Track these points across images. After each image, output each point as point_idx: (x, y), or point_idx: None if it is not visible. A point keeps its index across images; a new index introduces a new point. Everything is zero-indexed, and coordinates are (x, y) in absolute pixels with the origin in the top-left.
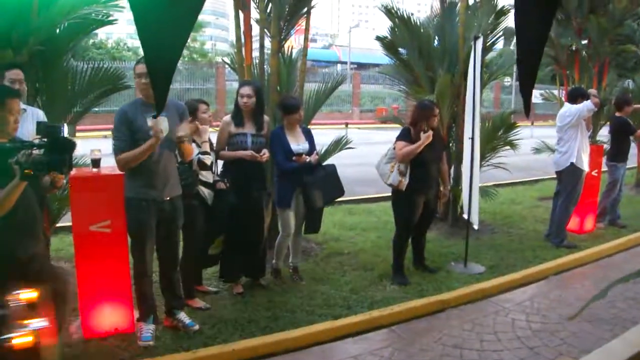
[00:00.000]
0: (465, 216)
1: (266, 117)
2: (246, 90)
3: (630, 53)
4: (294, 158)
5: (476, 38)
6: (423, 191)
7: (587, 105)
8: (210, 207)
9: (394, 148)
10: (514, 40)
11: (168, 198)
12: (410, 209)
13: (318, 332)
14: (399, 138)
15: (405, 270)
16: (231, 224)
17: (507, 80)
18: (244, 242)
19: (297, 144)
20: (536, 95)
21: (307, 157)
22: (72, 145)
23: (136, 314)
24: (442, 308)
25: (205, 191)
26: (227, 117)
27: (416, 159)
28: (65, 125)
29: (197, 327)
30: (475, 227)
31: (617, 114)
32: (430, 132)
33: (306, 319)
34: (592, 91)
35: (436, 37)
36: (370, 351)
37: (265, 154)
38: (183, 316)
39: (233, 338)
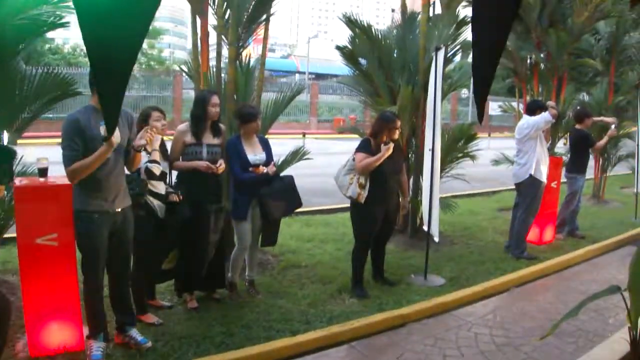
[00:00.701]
0: (425, 228)
1: (222, 126)
2: (215, 99)
3: (587, 67)
4: (250, 169)
5: (438, 49)
6: (382, 203)
7: (544, 117)
8: (161, 219)
9: (354, 159)
10: (459, 55)
11: (119, 209)
12: (370, 222)
13: (276, 349)
14: (358, 149)
15: (365, 283)
16: (185, 237)
17: (464, 92)
18: (199, 255)
19: (254, 154)
20: (494, 108)
21: (264, 167)
22: (11, 154)
23: (85, 331)
24: (403, 323)
25: (154, 202)
26: (183, 126)
27: (376, 171)
28: (5, 133)
29: (149, 344)
30: (436, 239)
31: (577, 126)
32: (391, 145)
33: (263, 335)
34: (551, 103)
35: (396, 48)
36: None
37: (221, 164)
38: (135, 333)
39: (187, 356)
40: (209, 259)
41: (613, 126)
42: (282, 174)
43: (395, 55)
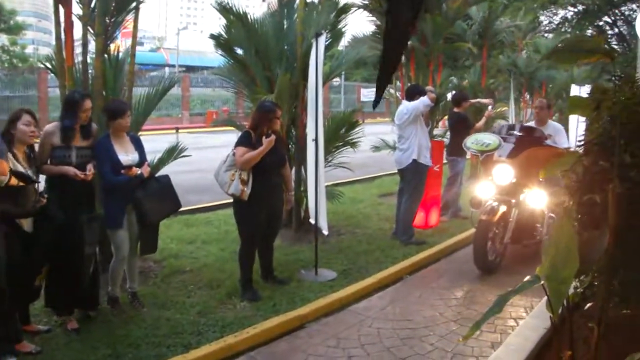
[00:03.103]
0: (313, 221)
1: (94, 126)
2: (89, 104)
3: (461, 51)
4: (122, 171)
5: (318, 35)
6: (267, 199)
7: (423, 101)
8: (29, 233)
9: (234, 154)
10: (342, 42)
11: None
12: (255, 219)
13: None
14: (238, 144)
15: (255, 284)
16: (55, 250)
17: (336, 81)
18: (70, 270)
19: (126, 154)
20: (365, 94)
21: (138, 169)
22: None
23: None
24: (301, 324)
25: None
26: (50, 127)
27: (258, 165)
28: None
29: None
30: (325, 232)
31: (455, 109)
32: (273, 137)
33: (153, 354)
34: (429, 87)
35: (273, 36)
36: None
37: (90, 170)
38: None
39: None
40: (88, 273)
41: (490, 107)
42: (157, 175)
43: (272, 43)
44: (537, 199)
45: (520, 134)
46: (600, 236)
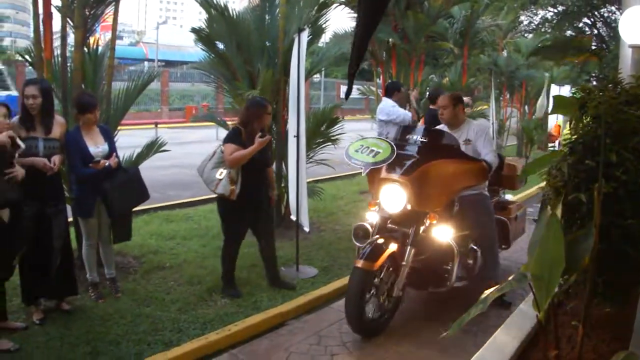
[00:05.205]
0: (294, 217)
1: (60, 119)
2: (31, 90)
3: (442, 50)
4: (90, 165)
5: (300, 30)
6: (255, 197)
7: (409, 117)
8: (6, 223)
9: (221, 151)
10: (322, 38)
11: None
12: (241, 218)
13: None
14: (227, 140)
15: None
16: (24, 240)
17: (317, 77)
18: (39, 260)
19: (96, 146)
20: (345, 91)
21: (106, 161)
22: None
23: None
24: (283, 321)
25: None
26: (15, 119)
27: (247, 163)
28: None
29: None
30: (306, 229)
31: (431, 106)
32: (268, 137)
33: (134, 351)
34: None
35: (255, 30)
36: None
37: (54, 162)
38: None
39: None
40: (56, 264)
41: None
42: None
43: (253, 37)
44: (443, 232)
45: (423, 139)
46: (585, 235)
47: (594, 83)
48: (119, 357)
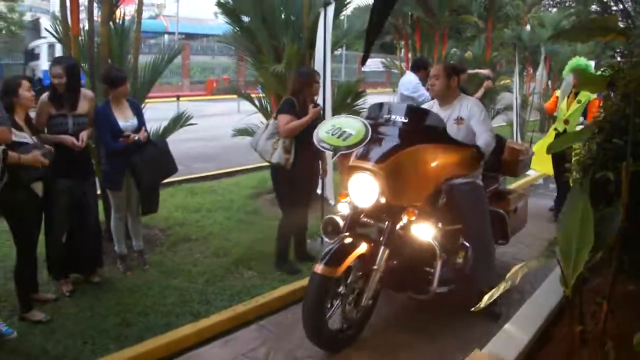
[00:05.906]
0: (319, 191)
1: (89, 93)
2: (57, 69)
3: (466, 24)
4: (120, 139)
5: (327, 4)
6: (308, 167)
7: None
8: (42, 198)
9: (275, 123)
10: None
11: None
12: (298, 187)
13: (179, 338)
14: (282, 111)
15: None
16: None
17: (338, 50)
18: (73, 234)
19: (126, 120)
20: (371, 65)
21: (135, 135)
22: None
23: None
24: None
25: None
26: (45, 96)
27: (301, 134)
28: None
29: (14, 334)
30: (332, 202)
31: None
32: (320, 107)
33: (162, 322)
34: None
35: (281, 4)
36: (244, 353)
37: (82, 139)
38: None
39: (83, 355)
40: (92, 239)
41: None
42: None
43: (279, 11)
44: (424, 231)
45: (404, 120)
46: (612, 213)
47: (618, 59)
48: (148, 327)
